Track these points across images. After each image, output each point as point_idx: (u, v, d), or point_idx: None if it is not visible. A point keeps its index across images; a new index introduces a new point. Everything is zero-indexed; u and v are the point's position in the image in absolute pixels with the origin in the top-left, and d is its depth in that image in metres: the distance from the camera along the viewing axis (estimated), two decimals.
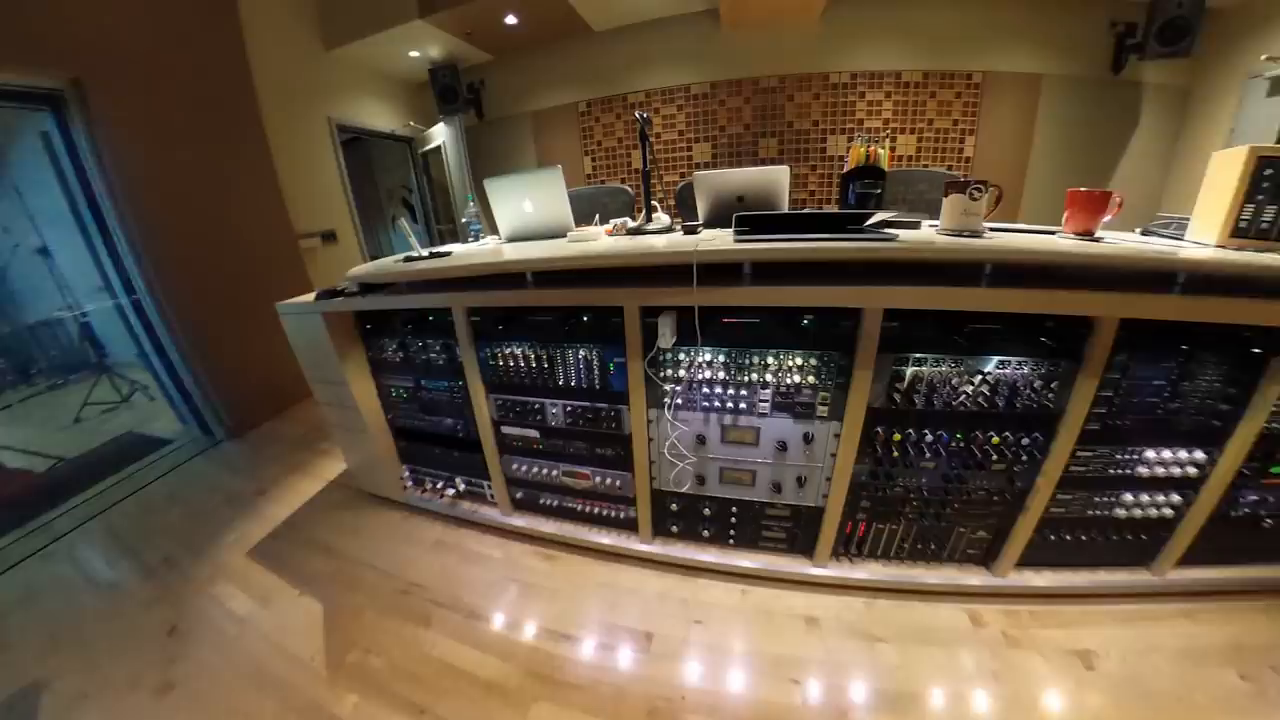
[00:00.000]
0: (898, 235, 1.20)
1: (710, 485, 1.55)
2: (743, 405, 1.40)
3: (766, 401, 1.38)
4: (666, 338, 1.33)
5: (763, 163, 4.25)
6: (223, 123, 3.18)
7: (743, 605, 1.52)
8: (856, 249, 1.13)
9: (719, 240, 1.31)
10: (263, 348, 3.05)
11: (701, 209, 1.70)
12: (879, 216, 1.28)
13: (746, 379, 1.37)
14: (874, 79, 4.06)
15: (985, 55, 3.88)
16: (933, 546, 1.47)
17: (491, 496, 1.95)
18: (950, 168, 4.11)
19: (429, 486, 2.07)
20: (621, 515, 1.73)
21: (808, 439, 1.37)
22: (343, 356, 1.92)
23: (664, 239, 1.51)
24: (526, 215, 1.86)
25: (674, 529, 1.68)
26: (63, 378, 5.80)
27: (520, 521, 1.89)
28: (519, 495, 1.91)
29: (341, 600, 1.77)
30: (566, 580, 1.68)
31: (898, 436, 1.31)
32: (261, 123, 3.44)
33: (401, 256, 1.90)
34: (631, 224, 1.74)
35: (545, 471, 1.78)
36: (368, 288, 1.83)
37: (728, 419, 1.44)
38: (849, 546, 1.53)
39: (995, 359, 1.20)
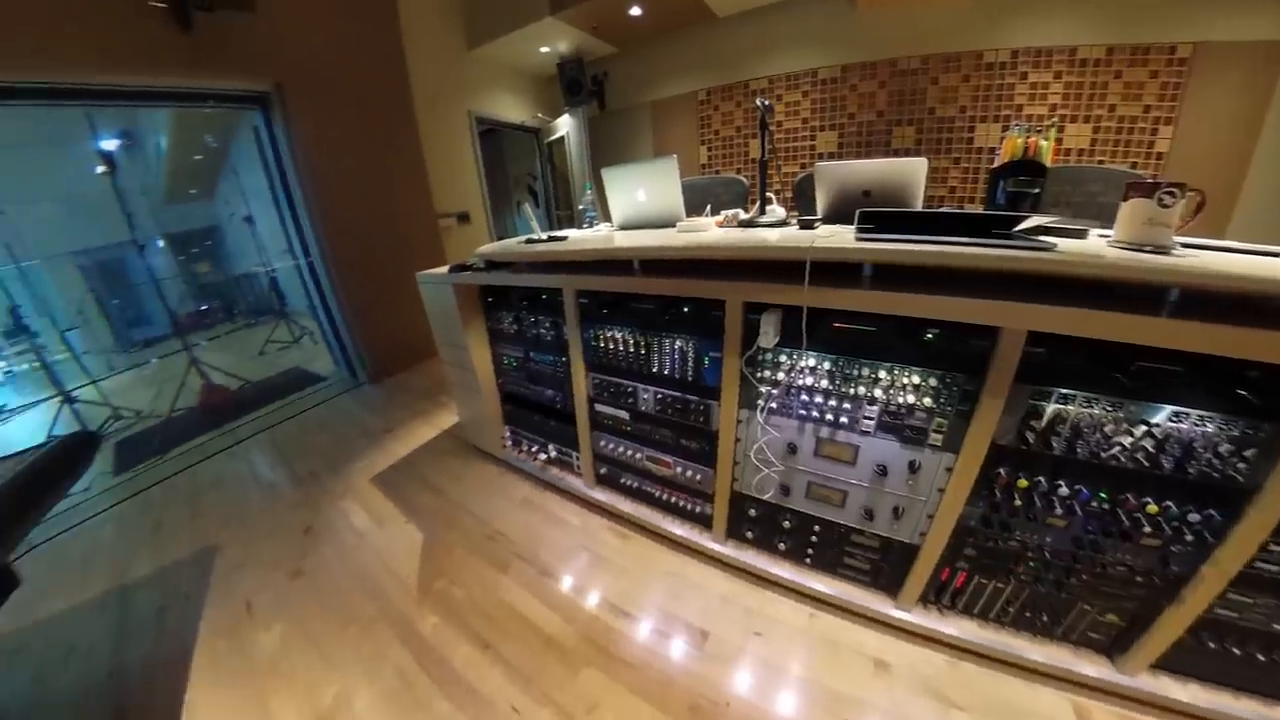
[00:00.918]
0: (1055, 245, 1.02)
1: (795, 498, 1.48)
2: (843, 419, 1.31)
3: (871, 419, 1.27)
4: (769, 337, 1.29)
5: (895, 154, 3.89)
6: (384, 117, 3.72)
7: (809, 629, 1.44)
8: (1001, 258, 0.99)
9: (837, 237, 1.23)
10: (403, 310, 3.47)
11: (821, 203, 1.60)
12: (1033, 221, 1.10)
13: (852, 391, 1.28)
14: (1040, 57, 3.39)
15: (1198, 21, 3.01)
16: (1045, 619, 1.25)
17: (578, 468, 2.05)
18: (1134, 165, 3.33)
19: (525, 449, 2.23)
20: (697, 510, 1.72)
21: (913, 467, 1.24)
22: (466, 324, 2.14)
23: (777, 233, 1.46)
24: (639, 204, 1.91)
25: (749, 535, 1.63)
26: (254, 319, 7.37)
27: (601, 496, 1.96)
28: (603, 471, 1.98)
29: (439, 534, 1.99)
30: (635, 560, 1.72)
31: (1024, 483, 1.13)
32: (414, 117, 3.96)
33: (523, 238, 2.06)
34: (744, 216, 1.70)
35: (630, 453, 1.83)
36: (492, 265, 2.02)
37: (825, 432, 1.36)
38: (941, 595, 1.36)
39: (1168, 409, 0.98)
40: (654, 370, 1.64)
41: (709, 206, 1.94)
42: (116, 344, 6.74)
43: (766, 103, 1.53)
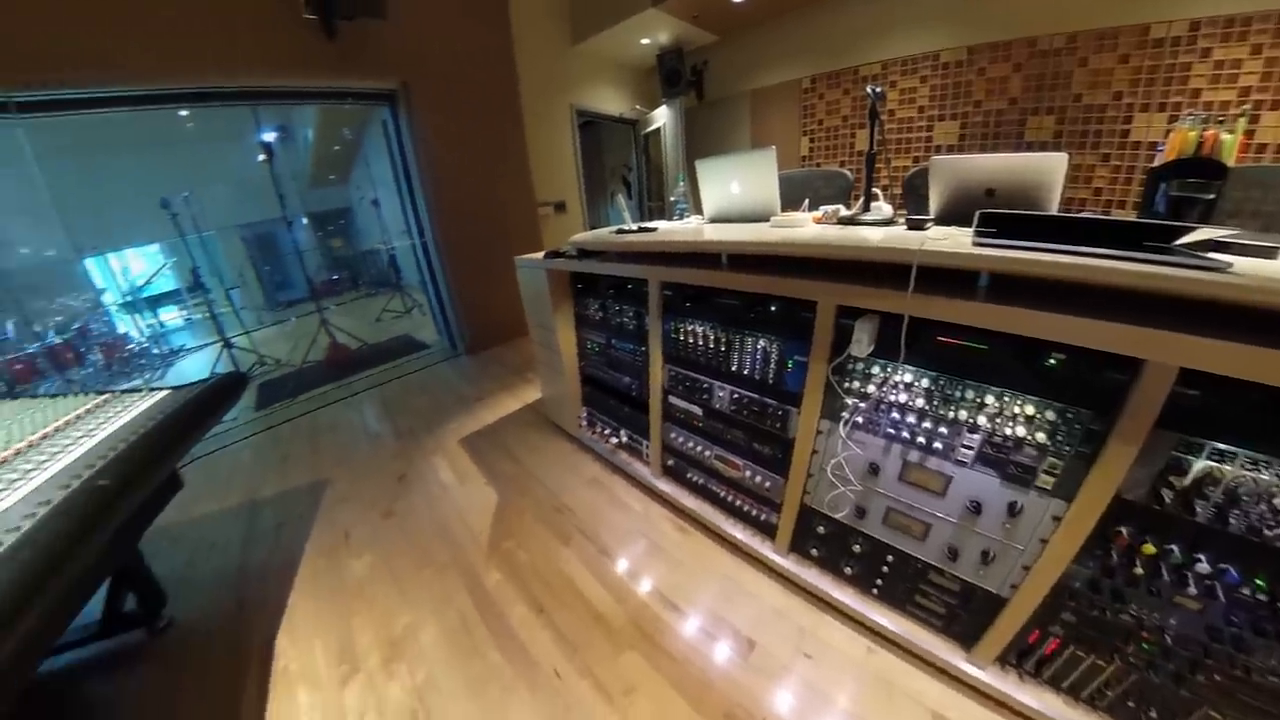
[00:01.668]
0: (1230, 264, 0.83)
1: (870, 522, 1.38)
2: (937, 445, 1.20)
3: (970, 449, 1.15)
4: (862, 345, 1.21)
5: (1029, 148, 3.42)
6: (493, 112, 4.00)
7: (864, 662, 1.34)
8: (1155, 275, 0.83)
9: (951, 241, 1.11)
10: (501, 290, 3.72)
11: (935, 201, 1.45)
12: (1202, 233, 0.92)
13: (951, 415, 1.17)
14: (1230, 27, 2.69)
15: None
16: (1154, 715, 1.05)
17: (647, 456, 2.07)
18: None
19: (598, 430, 2.31)
20: (762, 517, 1.67)
21: (1014, 510, 1.11)
22: (556, 307, 2.25)
23: (881, 232, 1.35)
24: (732, 196, 1.87)
25: (813, 552, 1.55)
26: (374, 290, 8.39)
27: (665, 487, 1.97)
28: (670, 463, 1.99)
29: (512, 499, 2.12)
30: (692, 556, 1.71)
31: (1150, 549, 0.96)
32: (520, 111, 4.21)
33: (614, 228, 2.11)
34: (845, 212, 1.60)
35: (699, 449, 1.82)
36: (584, 253, 2.09)
37: (914, 455, 1.25)
38: (1024, 659, 1.20)
39: None
40: (732, 368, 1.61)
41: (807, 201, 1.84)
42: (265, 302, 8.11)
43: (878, 90, 1.42)
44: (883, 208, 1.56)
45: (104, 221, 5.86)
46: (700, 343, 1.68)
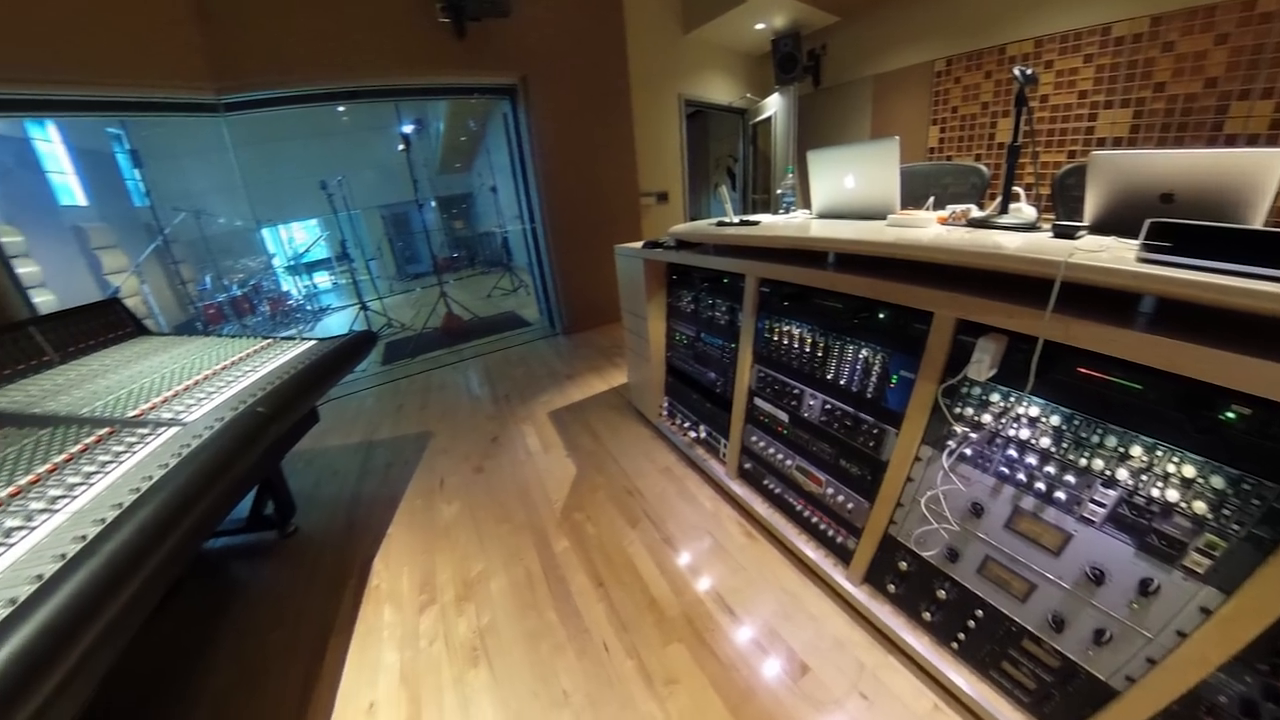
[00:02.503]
0: None
1: (962, 569, 1.23)
2: (1060, 495, 1.03)
3: (1102, 507, 0.97)
4: (982, 367, 1.07)
5: (1229, 142, 2.75)
6: (603, 103, 4.09)
7: None
8: None
9: (1109, 254, 0.94)
10: (599, 276, 3.85)
11: (1092, 205, 1.22)
12: None
13: (1083, 463, 0.99)
14: None
15: None
16: None
17: (723, 455, 2.04)
18: None
19: (678, 422, 2.31)
20: (837, 539, 1.57)
21: (1147, 588, 0.91)
22: (649, 296, 2.29)
23: (1019, 239, 1.17)
24: (845, 191, 1.74)
25: (890, 587, 1.42)
26: (487, 268, 9.23)
27: (739, 489, 1.93)
28: (747, 465, 1.94)
29: (588, 473, 2.21)
30: (755, 564, 1.66)
31: None
32: (629, 102, 4.25)
33: (715, 220, 2.07)
34: (977, 213, 1.41)
35: (780, 456, 1.75)
36: (682, 244, 2.09)
37: (1028, 503, 1.09)
38: None
39: None
40: (827, 377, 1.52)
41: (931, 199, 1.66)
42: (397, 273, 9.37)
43: (1028, 71, 1.21)
44: (1024, 210, 1.35)
45: (277, 198, 7.18)
46: (795, 345, 1.61)
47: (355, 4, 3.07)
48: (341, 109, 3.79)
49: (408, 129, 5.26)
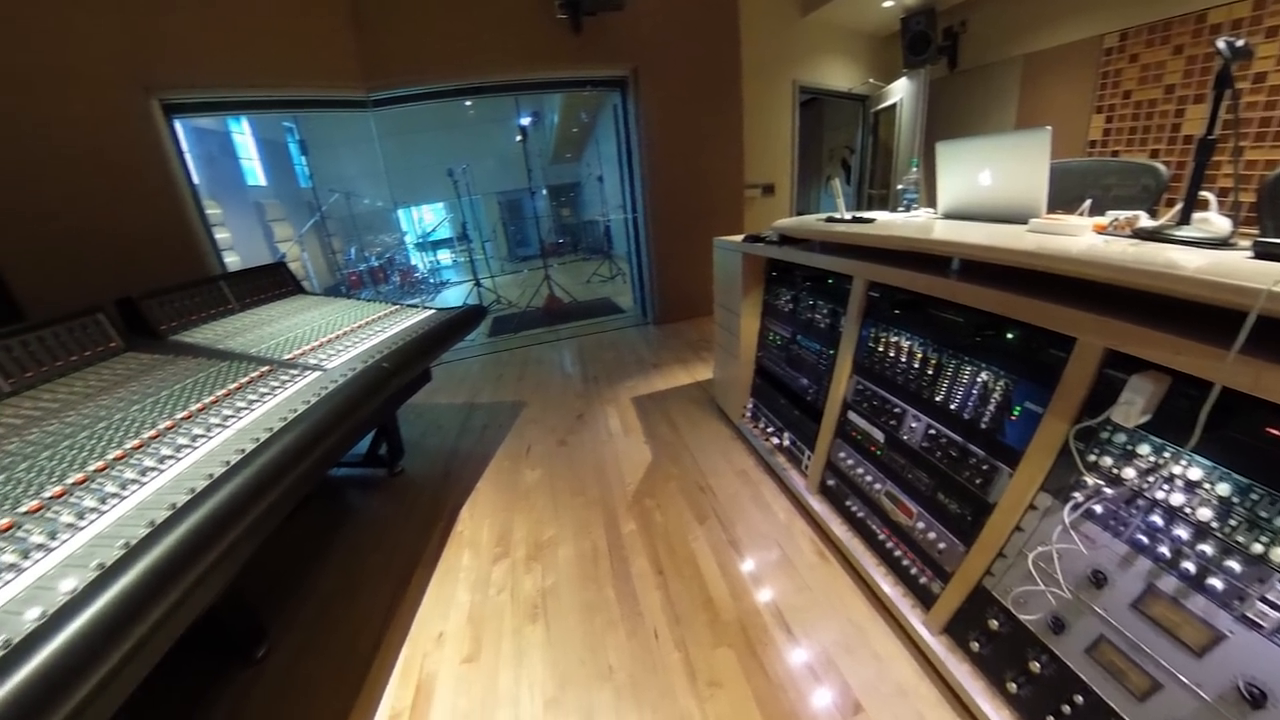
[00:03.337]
0: None
1: (1067, 643, 1.04)
2: (1214, 584, 0.82)
3: (1275, 609, 0.78)
4: (1132, 411, 0.89)
5: None
6: (713, 91, 3.97)
7: None
8: None
9: None
10: (695, 268, 3.82)
11: None
12: None
13: (1256, 549, 0.79)
14: None
15: None
16: None
17: (805, 467, 1.94)
18: None
19: (760, 425, 2.24)
20: (920, 579, 1.42)
21: None
22: (745, 292, 2.22)
23: (1199, 257, 0.93)
24: (980, 189, 1.52)
25: (973, 645, 1.25)
26: (588, 255, 9.74)
27: (817, 505, 1.82)
28: (830, 482, 1.83)
29: (662, 463, 2.24)
30: (823, 587, 1.56)
31: None
32: (740, 90, 4.06)
33: (824, 216, 1.93)
34: (1147, 221, 1.15)
35: (868, 478, 1.62)
36: (785, 239, 1.98)
37: (1168, 583, 0.88)
38: None
39: None
40: (935, 398, 1.37)
41: (1088, 203, 1.38)
42: (508, 255, 10.19)
43: (1238, 43, 0.90)
44: (1213, 221, 1.06)
45: (412, 183, 8.15)
46: (902, 359, 1.46)
47: (483, 6, 3.36)
48: (468, 103, 4.21)
49: (525, 121, 5.74)
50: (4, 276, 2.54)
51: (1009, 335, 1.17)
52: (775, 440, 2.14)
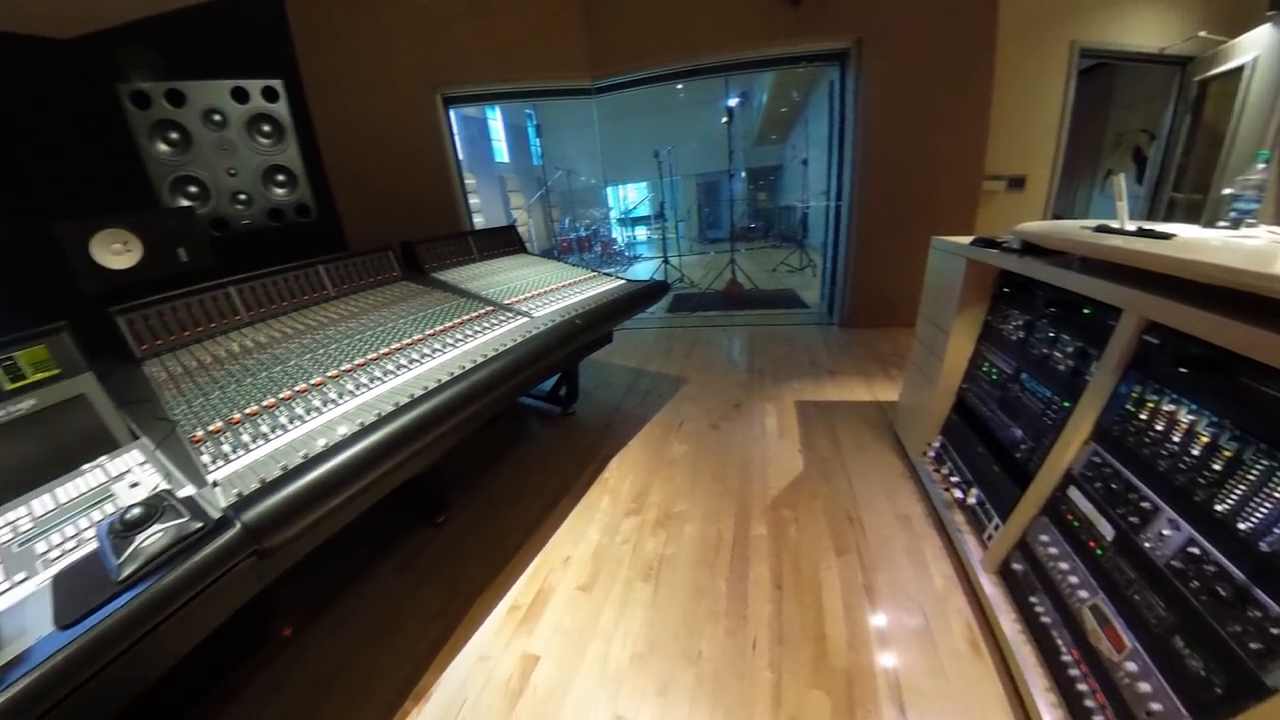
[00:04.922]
0: None
1: None
2: None
3: None
4: None
5: None
6: (955, 61, 3.25)
7: None
8: None
9: None
10: (901, 270, 3.37)
11: None
12: None
13: None
14: None
15: None
16: None
17: (988, 537, 1.60)
18: None
19: (943, 471, 1.90)
20: None
21: None
22: (962, 307, 1.86)
23: None
24: None
25: None
26: (779, 243, 9.36)
27: (988, 587, 1.49)
28: (1015, 565, 1.47)
29: (812, 478, 2.08)
30: (963, 682, 1.28)
31: None
32: (992, 58, 3.22)
33: (1094, 224, 1.48)
34: None
35: (1073, 579, 1.24)
36: (1030, 247, 1.57)
37: None
38: None
39: None
40: (1215, 505, 0.97)
41: None
42: (698, 236, 10.48)
43: None
44: None
45: (621, 163, 9.03)
46: (1175, 436, 1.06)
47: None
48: (679, 86, 4.41)
49: (732, 102, 5.67)
50: (341, 221, 3.75)
51: None
52: (958, 494, 1.80)
